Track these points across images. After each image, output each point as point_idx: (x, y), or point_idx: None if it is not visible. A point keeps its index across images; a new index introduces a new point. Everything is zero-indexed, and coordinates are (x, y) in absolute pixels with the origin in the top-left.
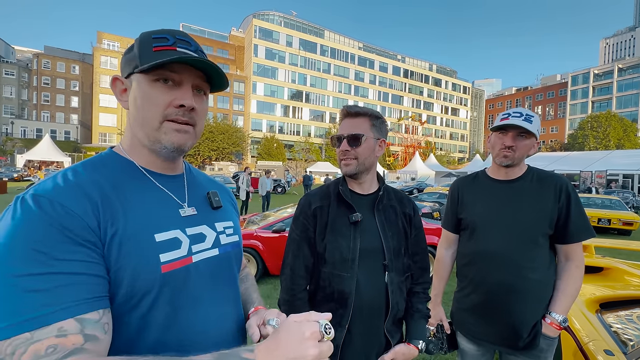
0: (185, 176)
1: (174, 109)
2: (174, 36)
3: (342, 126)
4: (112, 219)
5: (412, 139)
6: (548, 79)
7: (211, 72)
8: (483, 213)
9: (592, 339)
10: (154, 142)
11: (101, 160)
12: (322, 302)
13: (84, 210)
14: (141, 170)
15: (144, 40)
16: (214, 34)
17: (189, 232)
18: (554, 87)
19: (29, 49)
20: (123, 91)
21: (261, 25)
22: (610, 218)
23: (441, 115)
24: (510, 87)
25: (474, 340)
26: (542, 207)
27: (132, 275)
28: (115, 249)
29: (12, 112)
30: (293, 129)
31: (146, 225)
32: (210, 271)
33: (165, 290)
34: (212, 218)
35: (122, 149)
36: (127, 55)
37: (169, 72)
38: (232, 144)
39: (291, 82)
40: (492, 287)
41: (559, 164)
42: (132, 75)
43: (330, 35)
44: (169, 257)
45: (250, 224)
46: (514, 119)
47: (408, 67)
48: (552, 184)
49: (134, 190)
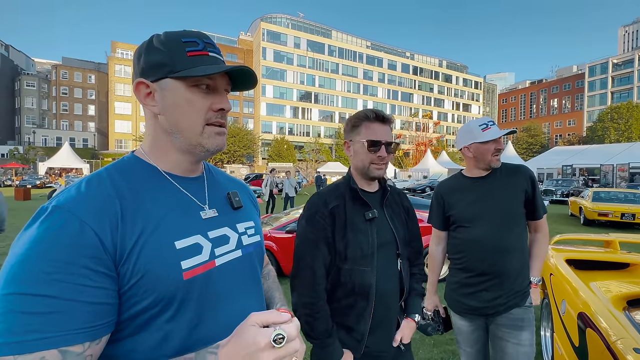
0: (205, 177)
1: (214, 113)
2: (202, 40)
3: (376, 131)
4: (132, 229)
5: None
6: (564, 70)
7: (241, 75)
8: (467, 207)
9: (620, 337)
10: (195, 146)
11: (125, 165)
12: (342, 298)
13: (101, 226)
14: (164, 174)
15: (174, 43)
16: (223, 38)
17: (210, 236)
18: (570, 79)
19: (48, 61)
20: (147, 95)
21: (269, 28)
22: (634, 213)
23: (452, 111)
24: (524, 80)
25: (466, 317)
26: (513, 194)
27: (155, 284)
28: (135, 258)
29: (33, 122)
30: (303, 130)
31: (166, 233)
32: (234, 272)
33: (189, 296)
34: (233, 219)
35: (144, 153)
36: (149, 57)
37: (205, 77)
38: (243, 147)
39: (300, 84)
40: (482, 264)
41: (578, 157)
42: (162, 80)
43: (338, 35)
44: (190, 263)
45: (263, 225)
46: (496, 126)
47: (417, 64)
48: (519, 173)
49: (155, 196)
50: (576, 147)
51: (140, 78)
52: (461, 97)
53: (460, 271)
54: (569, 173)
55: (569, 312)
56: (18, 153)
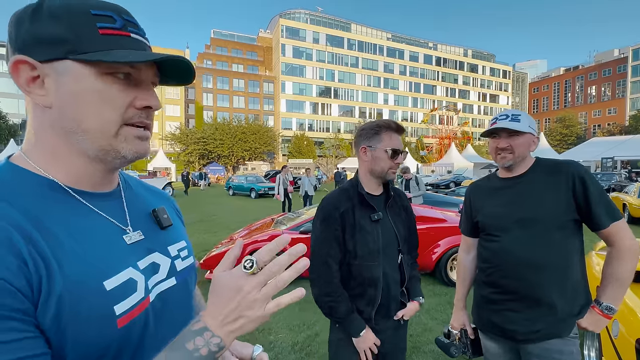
0: (122, 191)
1: (136, 111)
2: (121, 15)
3: (394, 141)
4: (46, 270)
5: (447, 130)
6: (603, 55)
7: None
8: (493, 213)
9: None
10: (107, 151)
11: (4, 181)
12: (354, 288)
13: (6, 271)
14: (67, 190)
15: (79, 13)
16: (243, 37)
17: (141, 266)
18: (610, 64)
19: None
20: (33, 80)
21: (288, 25)
22: None
23: (478, 103)
24: (558, 67)
25: (493, 338)
26: (552, 198)
27: (80, 339)
28: (54, 309)
29: None
30: (322, 126)
31: (90, 271)
32: (171, 305)
33: (125, 345)
34: (162, 241)
35: (29, 162)
36: (40, 29)
37: (129, 66)
38: (264, 144)
39: (319, 79)
40: (508, 280)
41: (619, 149)
42: (59, 61)
43: (357, 28)
44: (125, 306)
45: (278, 224)
46: (501, 122)
47: (441, 54)
48: (563, 172)
49: (63, 221)
50: (617, 137)
51: (20, 55)
52: (488, 88)
53: (485, 285)
54: (610, 166)
55: (624, 336)
56: None
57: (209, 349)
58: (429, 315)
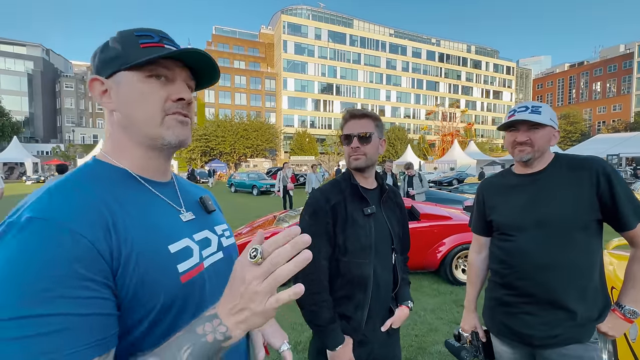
0: (175, 182)
1: (173, 103)
2: (158, 34)
3: (350, 126)
4: (125, 238)
5: (450, 127)
6: (609, 50)
7: (203, 66)
8: (509, 211)
9: None
10: (155, 138)
11: (92, 170)
12: (341, 289)
13: (95, 235)
14: (137, 178)
15: (127, 38)
16: (244, 33)
17: (196, 238)
18: (616, 60)
19: (84, 63)
20: (103, 93)
21: (289, 21)
22: None
23: (482, 99)
24: (562, 63)
25: (507, 342)
26: (574, 197)
27: (153, 291)
28: (133, 267)
29: (72, 121)
30: (324, 123)
31: (158, 238)
32: (219, 274)
33: (188, 299)
34: (210, 222)
35: (107, 156)
36: (104, 55)
37: (162, 68)
38: (266, 141)
39: (321, 76)
40: (525, 282)
41: (624, 146)
42: (117, 74)
43: (360, 24)
44: (186, 266)
45: (280, 221)
46: (520, 114)
47: (443, 50)
48: (586, 168)
49: (135, 201)
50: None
51: (94, 75)
52: (491, 84)
53: (499, 286)
54: (615, 163)
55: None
56: (60, 150)
57: (214, 336)
58: (435, 314)
